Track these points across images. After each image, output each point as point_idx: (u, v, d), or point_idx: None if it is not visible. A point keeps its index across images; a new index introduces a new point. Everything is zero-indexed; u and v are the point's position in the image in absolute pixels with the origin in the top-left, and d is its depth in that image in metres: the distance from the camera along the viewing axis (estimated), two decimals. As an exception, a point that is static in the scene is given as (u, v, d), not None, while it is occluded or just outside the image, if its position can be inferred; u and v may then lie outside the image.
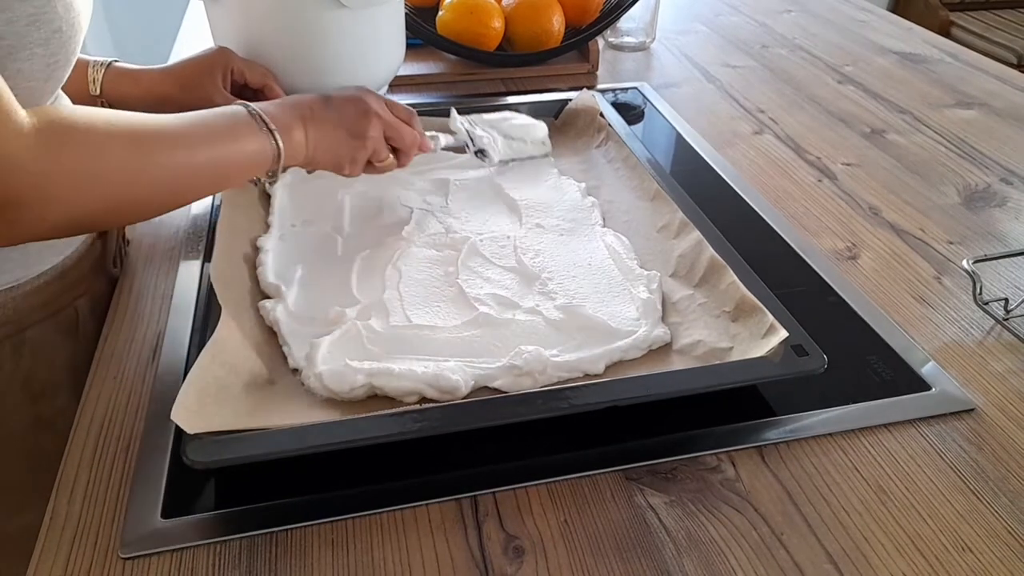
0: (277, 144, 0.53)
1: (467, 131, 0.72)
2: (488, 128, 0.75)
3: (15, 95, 0.42)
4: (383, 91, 0.91)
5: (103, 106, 0.68)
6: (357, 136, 0.59)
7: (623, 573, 0.42)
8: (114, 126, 0.46)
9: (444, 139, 0.70)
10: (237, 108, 0.53)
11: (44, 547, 0.43)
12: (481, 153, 0.73)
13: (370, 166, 0.62)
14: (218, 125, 0.52)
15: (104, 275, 0.63)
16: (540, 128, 0.79)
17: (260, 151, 0.53)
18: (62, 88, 0.52)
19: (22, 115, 0.41)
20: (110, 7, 1.85)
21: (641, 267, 0.62)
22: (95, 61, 0.67)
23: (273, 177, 0.55)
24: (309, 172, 0.62)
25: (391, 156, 0.63)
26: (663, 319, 0.57)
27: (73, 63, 0.49)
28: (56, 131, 0.43)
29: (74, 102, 0.61)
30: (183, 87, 0.69)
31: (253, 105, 0.54)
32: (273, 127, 0.53)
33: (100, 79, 0.66)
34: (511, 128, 0.76)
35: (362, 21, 0.77)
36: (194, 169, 0.50)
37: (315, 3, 0.73)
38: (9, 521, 0.56)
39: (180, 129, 0.49)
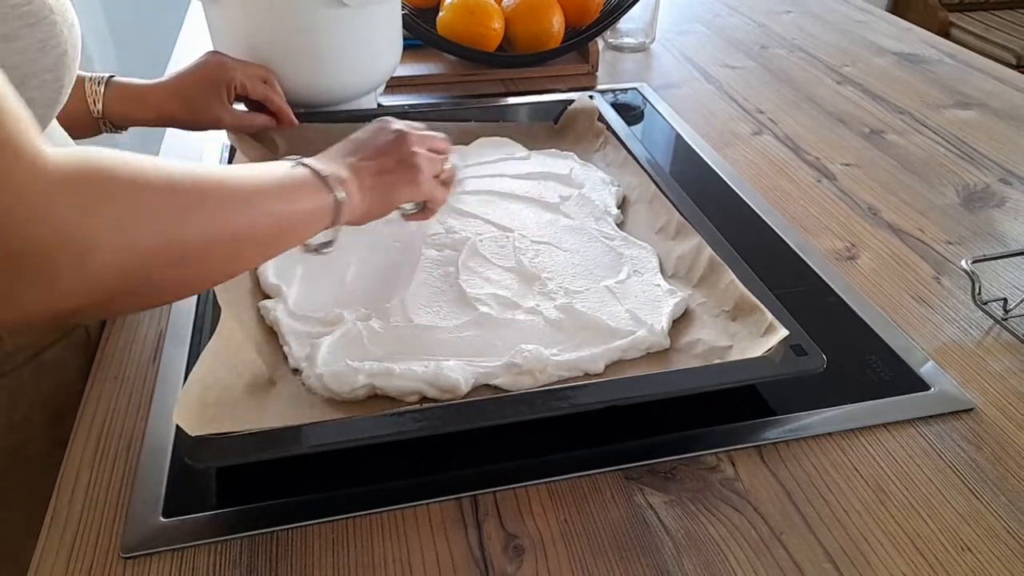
0: (336, 198, 0.49)
1: None
2: None
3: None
4: (380, 90, 0.91)
5: (105, 126, 0.67)
6: (404, 158, 0.55)
7: (623, 572, 0.42)
8: (160, 174, 0.39)
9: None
10: (296, 166, 0.49)
11: (45, 547, 0.43)
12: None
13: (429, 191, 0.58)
14: (273, 182, 0.46)
15: None
16: None
17: (319, 208, 0.48)
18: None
19: (47, 154, 0.34)
20: (110, 7, 1.85)
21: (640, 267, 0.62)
22: (91, 77, 0.65)
23: (329, 243, 0.52)
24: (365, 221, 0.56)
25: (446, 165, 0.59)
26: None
27: (73, 83, 0.46)
28: (90, 172, 0.36)
29: (74, 123, 0.59)
30: (190, 108, 0.69)
31: (307, 160, 0.49)
32: (333, 182, 0.49)
33: (100, 97, 0.65)
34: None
35: (360, 19, 0.77)
36: (252, 226, 0.44)
37: (313, 2, 0.73)
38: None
39: (234, 182, 0.43)
